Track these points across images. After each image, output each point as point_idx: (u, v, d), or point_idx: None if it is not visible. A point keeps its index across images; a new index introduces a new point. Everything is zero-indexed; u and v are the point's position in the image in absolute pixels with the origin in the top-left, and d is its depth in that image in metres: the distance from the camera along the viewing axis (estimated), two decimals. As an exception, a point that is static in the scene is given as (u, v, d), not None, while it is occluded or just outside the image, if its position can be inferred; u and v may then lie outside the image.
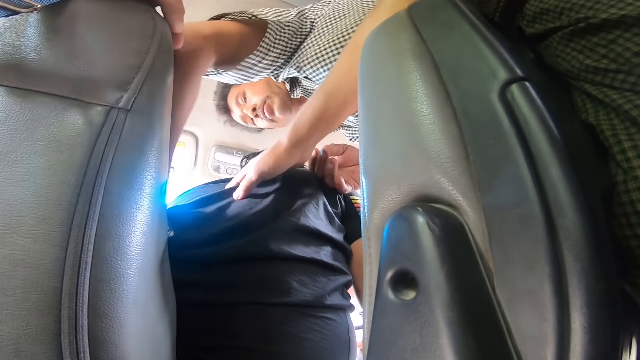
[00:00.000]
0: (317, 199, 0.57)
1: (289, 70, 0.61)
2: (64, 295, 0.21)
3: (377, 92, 0.25)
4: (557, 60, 0.23)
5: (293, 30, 0.57)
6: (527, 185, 0.17)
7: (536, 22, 0.24)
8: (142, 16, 0.27)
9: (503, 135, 0.18)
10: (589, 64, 0.20)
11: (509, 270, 0.17)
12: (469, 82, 0.20)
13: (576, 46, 0.21)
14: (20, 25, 0.24)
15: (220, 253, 0.47)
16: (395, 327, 0.18)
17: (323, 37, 0.56)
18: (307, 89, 0.71)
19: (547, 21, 0.23)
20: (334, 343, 0.47)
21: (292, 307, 0.45)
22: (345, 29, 0.54)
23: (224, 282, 0.45)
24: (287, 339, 0.43)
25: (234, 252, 0.47)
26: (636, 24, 0.19)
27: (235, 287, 0.45)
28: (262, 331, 0.43)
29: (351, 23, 0.54)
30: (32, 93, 0.23)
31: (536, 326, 0.16)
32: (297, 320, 0.44)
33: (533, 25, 0.24)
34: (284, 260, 0.47)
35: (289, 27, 0.57)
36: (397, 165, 0.22)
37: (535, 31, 0.24)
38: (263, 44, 0.55)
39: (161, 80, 0.28)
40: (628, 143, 0.19)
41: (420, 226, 0.18)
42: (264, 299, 0.44)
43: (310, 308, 0.46)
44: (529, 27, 0.24)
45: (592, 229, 0.15)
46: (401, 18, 0.26)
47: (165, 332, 0.30)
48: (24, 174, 0.21)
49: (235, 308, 0.43)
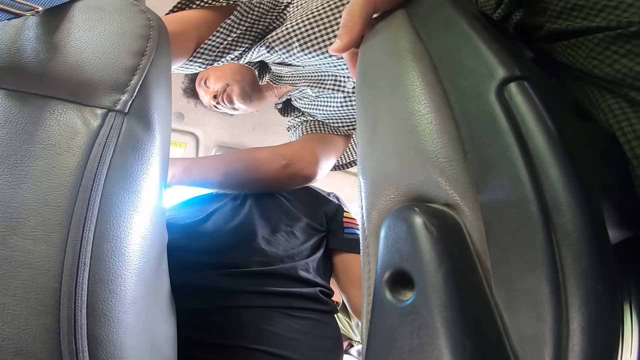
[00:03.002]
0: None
1: (259, 50, 0.56)
2: (63, 295, 0.21)
3: (374, 92, 0.25)
4: (591, 62, 0.21)
5: (264, 10, 0.53)
6: (525, 185, 0.16)
7: (562, 17, 0.22)
8: (139, 18, 0.27)
9: (500, 134, 0.18)
10: (639, 71, 0.19)
11: (507, 271, 0.17)
12: (467, 81, 0.20)
13: (619, 50, 0.20)
14: (18, 28, 0.25)
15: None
16: (393, 327, 0.18)
17: (296, 13, 0.53)
18: (276, 75, 0.68)
19: (580, 18, 0.21)
20: (322, 343, 0.48)
21: (278, 309, 0.46)
22: (321, 4, 0.51)
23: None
24: (273, 339, 0.44)
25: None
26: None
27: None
28: (252, 331, 0.44)
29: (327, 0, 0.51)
30: (30, 96, 0.23)
31: (534, 327, 0.16)
32: (283, 320, 0.46)
33: (557, 21, 0.22)
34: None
35: (259, 7, 0.53)
36: (394, 165, 0.22)
37: (560, 27, 0.22)
38: (224, 24, 0.50)
39: (159, 81, 0.28)
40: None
41: (417, 226, 0.18)
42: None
43: (294, 310, 0.48)
44: (552, 22, 0.22)
45: (590, 229, 0.15)
46: (399, 17, 0.26)
47: (166, 332, 0.30)
48: (23, 176, 0.22)
49: (225, 311, 0.46)
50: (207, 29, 0.49)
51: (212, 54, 0.52)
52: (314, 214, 0.62)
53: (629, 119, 0.20)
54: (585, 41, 0.21)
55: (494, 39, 0.20)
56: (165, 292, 0.29)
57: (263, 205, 0.59)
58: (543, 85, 0.20)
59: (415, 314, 0.17)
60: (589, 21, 0.21)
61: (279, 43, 0.53)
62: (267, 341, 0.44)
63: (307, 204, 0.63)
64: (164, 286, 0.29)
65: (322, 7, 0.50)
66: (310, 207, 0.62)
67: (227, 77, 0.79)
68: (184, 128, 1.17)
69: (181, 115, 1.13)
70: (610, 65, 0.20)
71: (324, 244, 0.61)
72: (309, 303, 0.50)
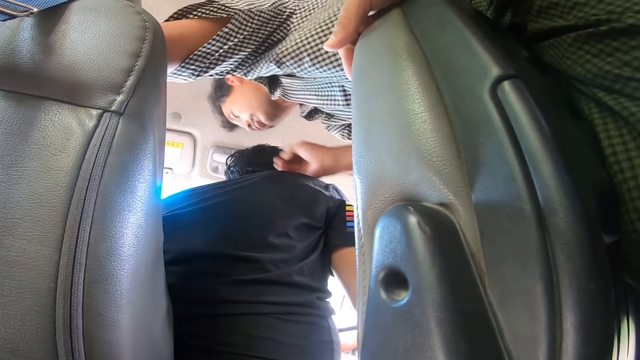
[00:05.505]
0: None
1: (267, 66, 0.56)
2: (59, 295, 0.21)
3: (369, 91, 0.25)
4: (565, 62, 0.21)
5: (264, 19, 0.52)
6: (518, 184, 0.16)
7: (541, 16, 0.22)
8: (134, 19, 0.27)
9: (494, 133, 0.18)
10: (609, 70, 0.19)
11: (500, 270, 0.17)
12: (460, 80, 0.20)
13: (591, 49, 0.19)
14: (13, 29, 0.25)
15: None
16: (387, 327, 0.18)
17: (304, 25, 0.52)
18: (287, 89, 0.67)
19: (556, 16, 0.21)
20: (320, 347, 0.48)
21: (273, 315, 0.46)
22: (329, 16, 0.50)
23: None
24: (271, 346, 0.44)
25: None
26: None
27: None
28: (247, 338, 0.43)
29: (334, 11, 0.50)
30: (25, 97, 0.23)
31: (528, 326, 0.16)
32: (280, 326, 0.45)
33: (537, 20, 0.22)
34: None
35: (260, 16, 0.52)
36: (389, 164, 0.22)
37: (541, 27, 0.22)
38: (221, 32, 0.49)
39: (154, 82, 0.28)
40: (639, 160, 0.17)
41: (411, 226, 0.18)
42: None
43: (292, 315, 0.47)
44: (534, 22, 0.22)
45: (583, 228, 0.15)
46: (395, 16, 0.26)
47: (162, 332, 0.30)
48: (18, 177, 0.22)
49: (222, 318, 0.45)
50: (201, 38, 0.49)
51: (206, 62, 0.51)
52: (311, 211, 0.59)
53: (604, 122, 0.20)
54: (561, 41, 0.21)
55: (488, 37, 0.20)
56: (162, 292, 0.29)
57: (256, 206, 0.57)
58: (537, 83, 0.20)
59: (410, 313, 0.17)
60: (563, 19, 0.20)
61: (290, 58, 0.52)
62: (265, 348, 0.43)
63: (303, 204, 0.60)
64: (160, 286, 0.29)
65: (330, 20, 0.50)
66: (306, 206, 0.60)
67: (247, 107, 0.83)
68: (181, 128, 1.17)
69: (178, 115, 1.13)
70: (581, 65, 0.20)
71: (320, 243, 0.59)
72: (305, 309, 0.49)
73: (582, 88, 0.21)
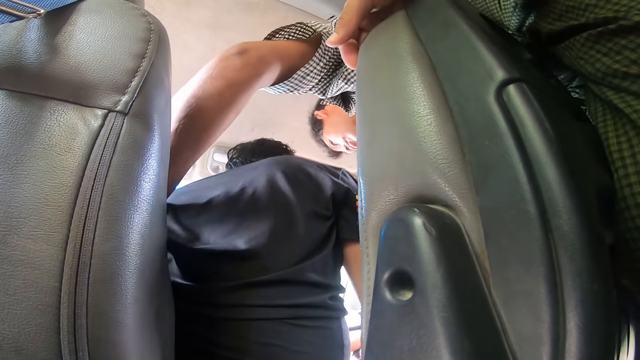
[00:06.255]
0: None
1: (338, 84, 0.61)
2: (63, 294, 0.21)
3: (374, 93, 0.25)
4: (579, 62, 0.21)
5: None
6: (523, 186, 0.17)
7: (562, 19, 0.22)
8: (139, 21, 0.28)
9: (499, 136, 0.18)
10: (617, 69, 0.19)
11: (505, 271, 0.17)
12: (465, 83, 0.20)
13: (602, 48, 0.20)
14: (20, 30, 0.25)
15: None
16: (392, 327, 0.18)
17: None
18: None
19: (570, 19, 0.21)
20: (331, 353, 0.47)
21: (283, 319, 0.44)
22: None
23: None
24: (280, 354, 0.42)
25: None
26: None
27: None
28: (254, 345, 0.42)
29: None
30: (31, 97, 0.23)
31: (532, 326, 0.16)
32: (290, 332, 0.44)
33: (554, 22, 0.22)
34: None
35: None
36: (393, 166, 0.22)
37: (555, 28, 0.22)
38: (318, 52, 0.55)
39: (159, 83, 0.28)
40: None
41: (416, 227, 0.18)
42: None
43: (302, 319, 0.45)
44: (550, 24, 0.22)
45: (587, 230, 0.15)
46: (399, 18, 0.26)
47: (166, 332, 0.30)
48: (24, 176, 0.22)
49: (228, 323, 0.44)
50: (300, 57, 0.54)
51: (304, 81, 0.56)
52: (318, 198, 0.54)
53: (607, 119, 0.20)
54: (575, 42, 0.21)
55: (493, 41, 0.20)
56: (166, 292, 0.29)
57: (259, 201, 0.53)
58: (542, 87, 0.20)
59: (414, 313, 0.17)
60: (577, 20, 0.21)
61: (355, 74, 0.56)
62: (273, 357, 0.41)
63: (309, 192, 0.55)
64: (164, 286, 0.29)
65: None
66: (313, 194, 0.55)
67: (338, 132, 0.92)
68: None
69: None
70: (592, 65, 0.20)
71: (333, 234, 0.54)
72: (318, 311, 0.47)
73: (594, 88, 0.21)
